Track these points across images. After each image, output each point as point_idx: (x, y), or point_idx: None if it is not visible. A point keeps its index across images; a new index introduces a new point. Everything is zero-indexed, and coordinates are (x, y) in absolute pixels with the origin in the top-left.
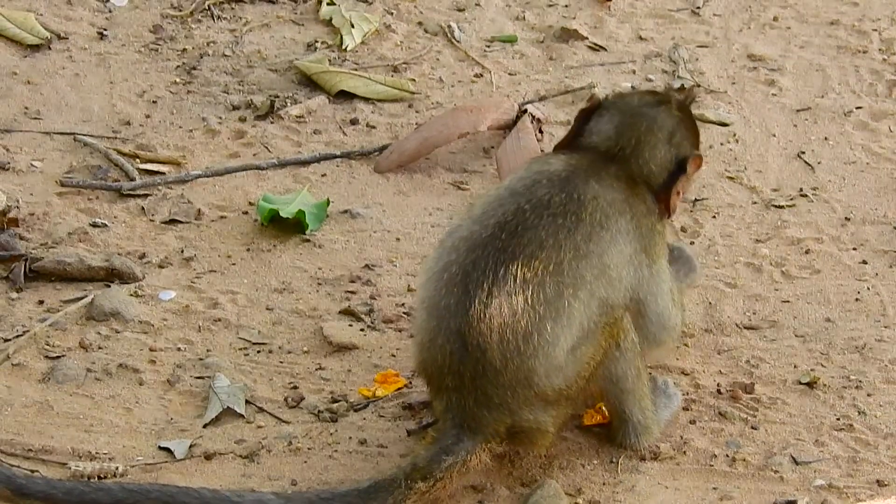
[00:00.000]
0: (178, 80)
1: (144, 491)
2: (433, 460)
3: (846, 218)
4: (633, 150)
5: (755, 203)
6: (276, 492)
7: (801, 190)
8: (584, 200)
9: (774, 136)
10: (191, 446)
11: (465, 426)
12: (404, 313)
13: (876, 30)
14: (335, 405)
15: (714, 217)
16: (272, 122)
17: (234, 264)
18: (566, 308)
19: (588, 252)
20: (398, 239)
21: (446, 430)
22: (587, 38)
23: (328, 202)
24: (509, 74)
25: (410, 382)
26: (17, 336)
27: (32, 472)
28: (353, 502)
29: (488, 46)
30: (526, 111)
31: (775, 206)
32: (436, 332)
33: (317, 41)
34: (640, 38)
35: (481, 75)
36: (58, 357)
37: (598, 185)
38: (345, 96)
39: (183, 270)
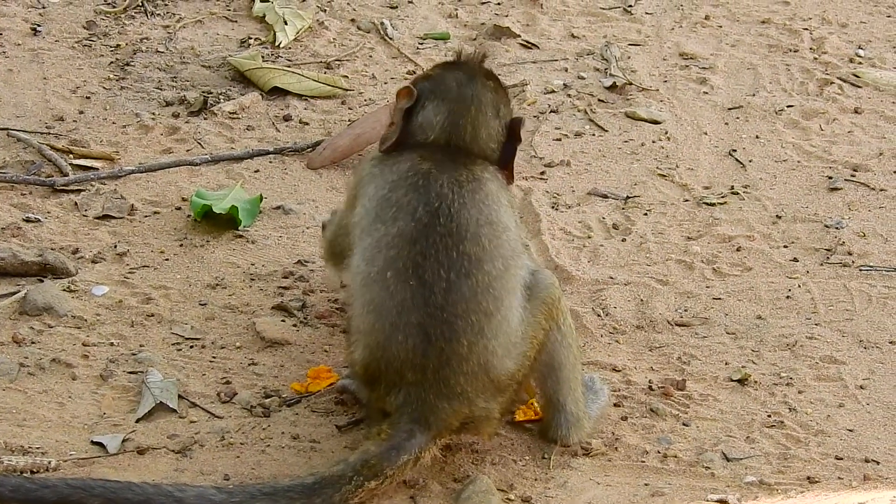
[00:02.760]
0: (111, 75)
1: (88, 487)
2: (385, 457)
3: (777, 216)
4: (472, 135)
5: (687, 201)
6: (218, 486)
7: (733, 188)
8: (478, 178)
9: (706, 134)
10: (123, 441)
11: (420, 420)
12: (337, 309)
13: (807, 29)
14: (268, 400)
15: (646, 214)
16: (205, 118)
17: (167, 260)
18: (514, 279)
19: (507, 225)
20: None
21: (400, 426)
22: (519, 36)
23: (261, 198)
24: None
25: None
26: None
27: None
28: (297, 498)
29: (421, 44)
30: None
31: (707, 204)
32: (391, 331)
33: (250, 38)
34: (573, 35)
35: (414, 72)
36: None
37: (471, 167)
38: (278, 93)
39: (116, 266)
